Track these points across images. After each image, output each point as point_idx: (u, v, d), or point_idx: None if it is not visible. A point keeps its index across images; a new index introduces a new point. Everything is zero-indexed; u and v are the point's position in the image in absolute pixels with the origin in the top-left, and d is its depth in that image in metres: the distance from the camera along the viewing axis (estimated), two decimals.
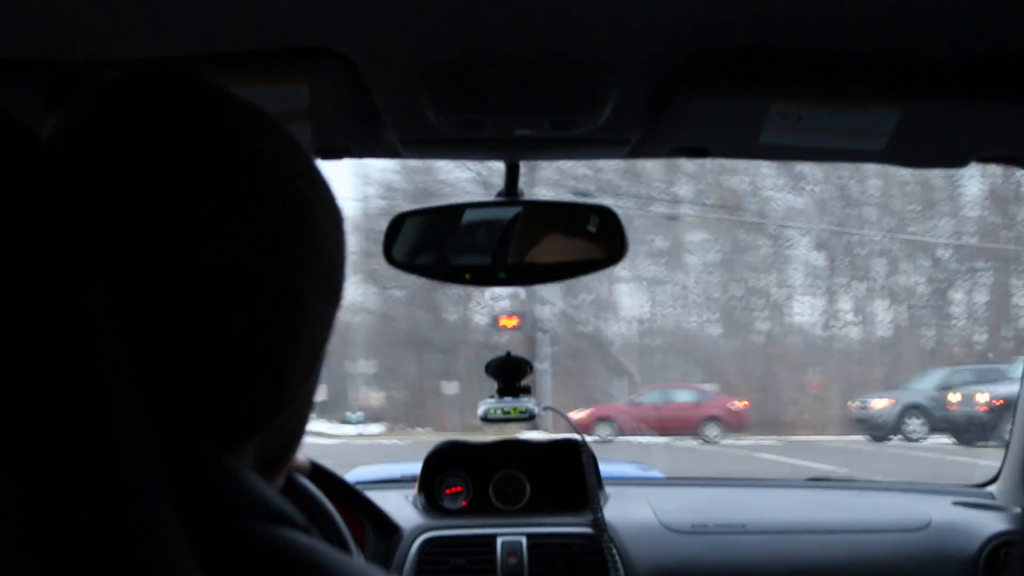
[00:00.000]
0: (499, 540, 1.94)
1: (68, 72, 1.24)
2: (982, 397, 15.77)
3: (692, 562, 1.96)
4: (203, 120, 0.63)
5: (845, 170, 22.14)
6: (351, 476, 2.15)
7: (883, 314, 25.26)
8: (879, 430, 18.12)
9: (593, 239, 1.69)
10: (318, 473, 1.83)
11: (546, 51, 1.30)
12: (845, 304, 25.28)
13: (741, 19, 1.22)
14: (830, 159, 1.62)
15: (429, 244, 1.70)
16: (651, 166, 23.04)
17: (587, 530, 1.97)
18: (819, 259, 25.25)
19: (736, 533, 2.00)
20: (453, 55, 1.31)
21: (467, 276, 1.68)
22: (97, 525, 0.46)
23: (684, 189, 24.44)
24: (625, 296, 25.91)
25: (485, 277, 1.68)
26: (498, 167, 1.71)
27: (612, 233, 1.66)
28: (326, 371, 0.74)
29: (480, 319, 24.09)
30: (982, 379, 16.89)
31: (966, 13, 1.20)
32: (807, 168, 22.75)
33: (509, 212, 1.69)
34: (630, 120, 1.51)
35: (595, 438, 15.68)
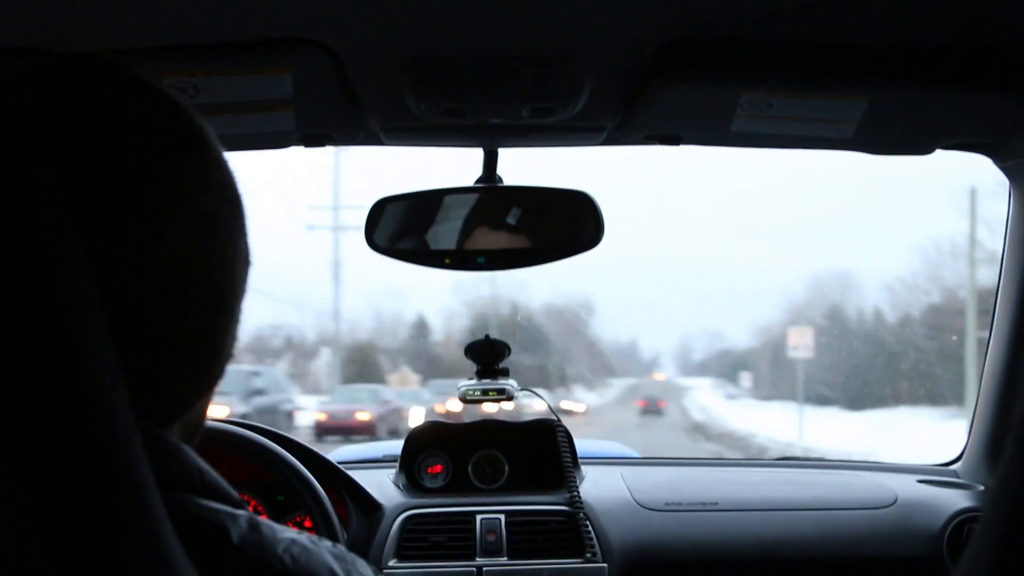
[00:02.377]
0: (478, 518, 1.97)
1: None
2: None
3: (666, 538, 1.99)
4: (158, 110, 0.64)
5: None
6: (334, 456, 2.18)
7: None
8: None
9: (570, 224, 1.72)
10: (303, 453, 1.87)
11: (524, 42, 1.33)
12: None
13: (713, 10, 1.25)
14: (799, 146, 1.65)
15: (409, 229, 1.73)
16: None
17: (563, 508, 2.00)
18: None
19: (708, 510, 2.04)
20: (433, 46, 1.34)
21: (447, 260, 1.70)
22: (91, 496, 0.49)
23: None
24: None
25: (464, 262, 1.71)
26: None
27: (589, 218, 1.70)
28: None
29: None
30: None
31: (933, 4, 1.24)
32: None
33: (488, 198, 1.72)
34: (605, 109, 1.55)
35: None
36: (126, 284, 0.60)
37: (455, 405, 20.50)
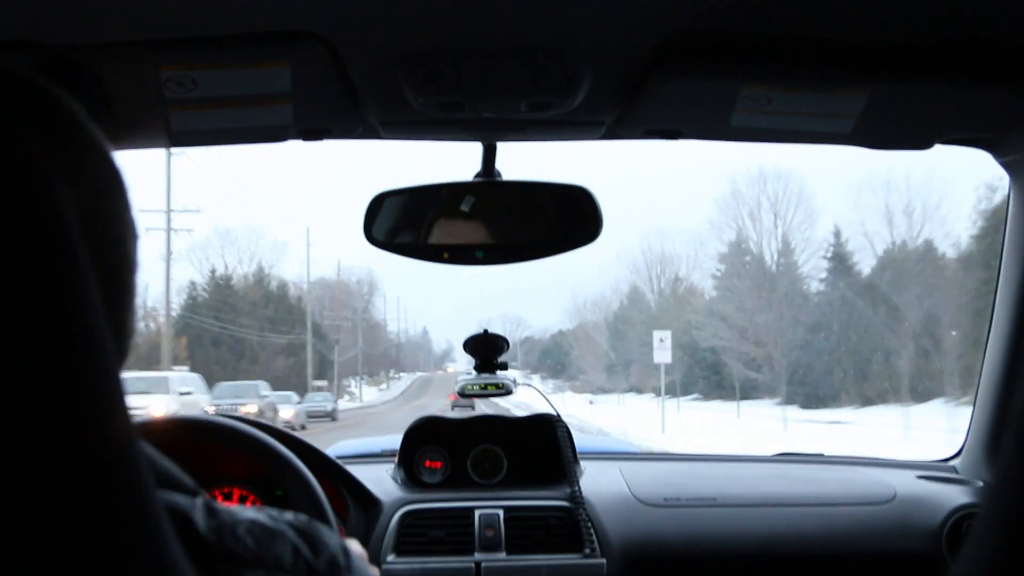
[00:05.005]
0: (477, 513, 1.98)
1: (57, 55, 1.26)
2: None
3: (664, 534, 2.00)
4: (24, 97, 0.62)
5: None
6: (332, 451, 2.18)
7: None
8: None
9: (569, 219, 1.72)
10: (301, 448, 1.86)
11: (522, 35, 1.33)
12: None
13: (712, 3, 1.25)
14: (798, 141, 1.65)
15: (408, 223, 1.72)
16: None
17: (562, 503, 2.00)
18: None
19: (707, 506, 2.04)
20: (432, 39, 1.33)
21: (445, 255, 1.70)
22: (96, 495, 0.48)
23: None
24: None
25: (463, 256, 1.71)
26: None
27: (587, 213, 1.69)
28: None
29: None
30: None
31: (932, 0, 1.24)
32: None
33: (486, 192, 1.71)
34: (604, 102, 1.54)
35: None
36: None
37: None
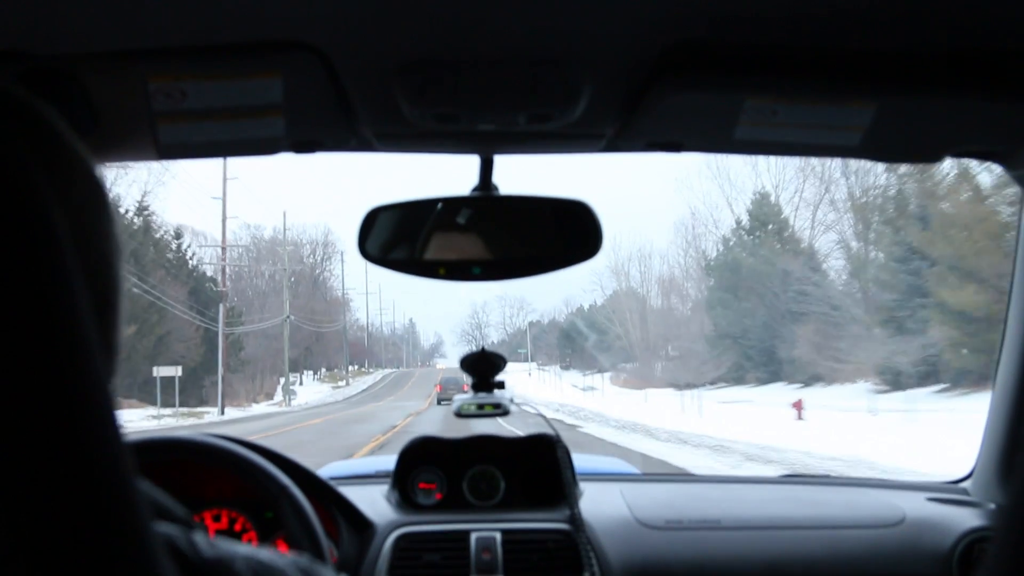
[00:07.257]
0: (473, 536, 1.94)
1: (42, 65, 1.23)
2: None
3: (667, 557, 1.96)
4: (18, 109, 0.61)
5: None
6: (324, 472, 2.15)
7: None
8: None
9: (568, 234, 1.69)
10: (292, 469, 1.82)
11: (520, 45, 1.30)
12: None
13: (716, 13, 1.22)
14: (805, 154, 1.62)
15: (403, 238, 1.69)
16: None
17: (561, 526, 1.97)
18: None
19: (711, 529, 2.01)
20: (427, 50, 1.30)
21: (441, 271, 1.67)
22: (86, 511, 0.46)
23: None
24: None
25: (459, 272, 1.67)
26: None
27: (587, 228, 1.66)
28: None
29: None
30: None
31: (941, 9, 1.21)
32: None
33: (483, 206, 1.68)
34: (605, 114, 1.51)
35: None
36: None
37: None
